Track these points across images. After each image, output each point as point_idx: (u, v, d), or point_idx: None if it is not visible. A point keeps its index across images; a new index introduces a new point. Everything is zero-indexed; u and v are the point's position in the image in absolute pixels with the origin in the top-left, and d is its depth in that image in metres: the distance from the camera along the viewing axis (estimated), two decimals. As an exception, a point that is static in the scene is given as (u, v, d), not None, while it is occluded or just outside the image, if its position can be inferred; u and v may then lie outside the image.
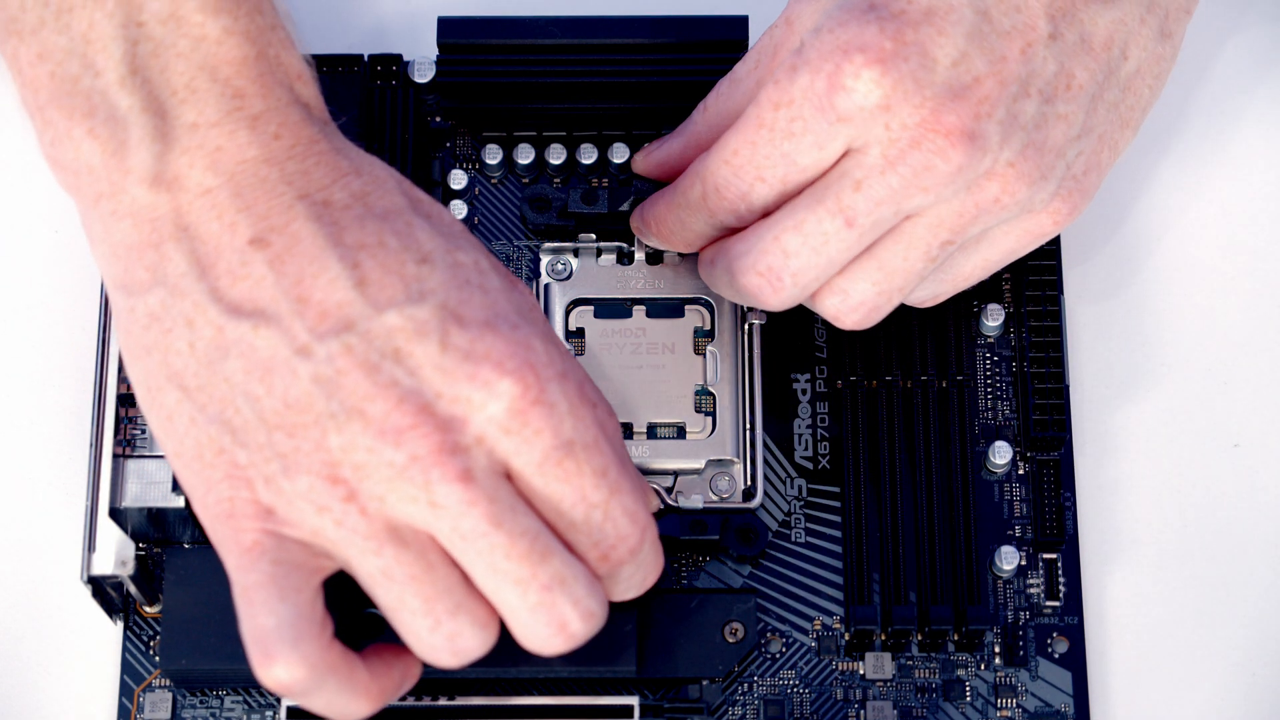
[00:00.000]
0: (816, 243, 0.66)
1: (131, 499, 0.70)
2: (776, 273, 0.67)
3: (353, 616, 0.66)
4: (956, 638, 0.72)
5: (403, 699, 0.70)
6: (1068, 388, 0.74)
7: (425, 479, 0.59)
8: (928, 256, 0.66)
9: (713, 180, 0.67)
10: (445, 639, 0.62)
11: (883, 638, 0.72)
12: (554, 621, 0.61)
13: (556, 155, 0.77)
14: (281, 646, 0.61)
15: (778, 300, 0.67)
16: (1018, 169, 0.64)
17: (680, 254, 0.75)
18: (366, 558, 0.61)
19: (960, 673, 0.72)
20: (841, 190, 0.65)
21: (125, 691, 0.72)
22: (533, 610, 0.61)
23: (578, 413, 0.61)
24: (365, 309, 0.60)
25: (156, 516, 0.71)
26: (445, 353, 0.60)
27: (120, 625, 0.73)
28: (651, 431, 0.73)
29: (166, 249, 0.61)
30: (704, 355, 0.74)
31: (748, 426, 0.74)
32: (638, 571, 0.64)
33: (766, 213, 0.67)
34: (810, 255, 0.66)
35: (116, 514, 0.70)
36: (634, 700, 0.70)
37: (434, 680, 0.70)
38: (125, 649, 0.73)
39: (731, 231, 0.69)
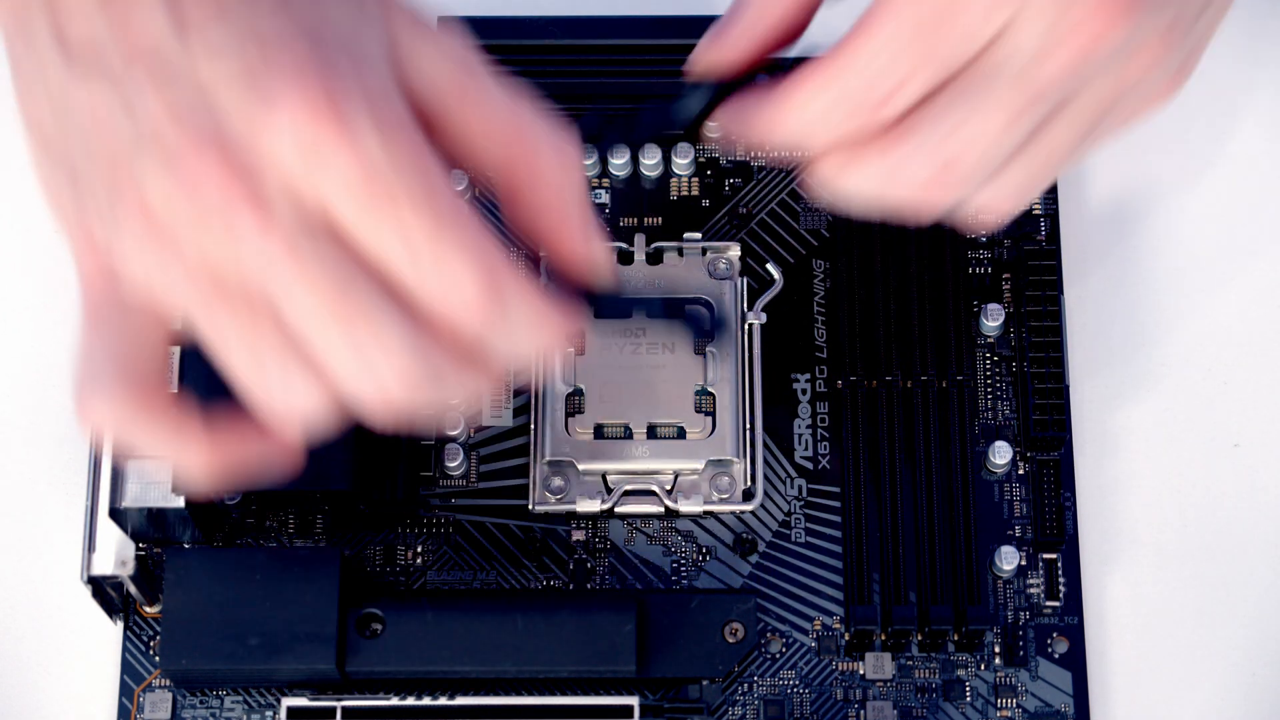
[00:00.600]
0: (986, 139, 0.61)
1: (131, 499, 0.70)
2: (948, 173, 0.62)
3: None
4: (956, 638, 0.72)
5: (403, 699, 0.70)
6: (1068, 388, 0.74)
7: (227, 213, 0.56)
8: (1083, 134, 0.62)
9: (871, 66, 0.61)
10: (277, 393, 0.58)
11: (883, 638, 0.72)
12: (375, 369, 0.57)
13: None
14: (98, 379, 0.59)
15: (943, 204, 0.62)
16: (1166, 40, 0.62)
17: (681, 253, 0.75)
18: (190, 302, 0.58)
19: (960, 673, 0.72)
20: (1008, 79, 0.60)
21: (125, 691, 0.72)
22: (353, 358, 0.57)
23: (389, 131, 0.56)
24: (177, 46, 0.57)
25: (156, 516, 0.71)
26: (250, 88, 0.56)
27: (120, 625, 0.73)
28: (651, 431, 0.74)
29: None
30: (704, 355, 0.74)
31: (748, 426, 0.74)
32: (512, 324, 0.58)
33: (916, 107, 0.62)
34: (980, 152, 0.61)
35: (116, 514, 0.70)
36: (634, 700, 0.70)
37: (434, 680, 0.70)
38: (125, 649, 0.73)
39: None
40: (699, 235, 0.76)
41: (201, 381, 0.61)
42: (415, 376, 0.57)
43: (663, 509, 0.73)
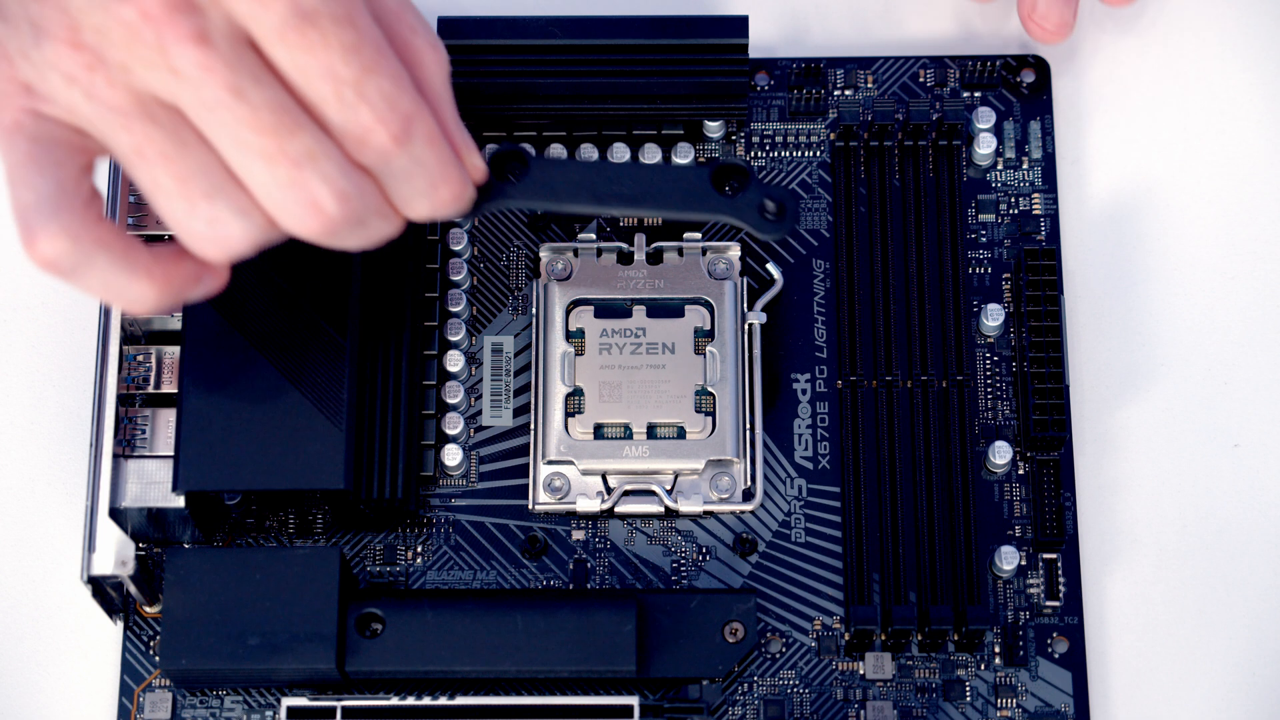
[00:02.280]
0: None
1: (131, 499, 0.71)
2: None
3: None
4: (956, 638, 0.72)
5: (403, 699, 0.70)
6: (1068, 388, 0.74)
7: (159, 40, 0.58)
8: None
9: None
10: (205, 224, 0.60)
11: (883, 638, 0.72)
12: (305, 199, 0.60)
13: (556, 155, 0.77)
14: (41, 218, 0.60)
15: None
16: None
17: (681, 253, 0.75)
18: (118, 134, 0.60)
19: (960, 673, 0.72)
20: None
21: (125, 691, 0.72)
22: (282, 187, 0.60)
23: None
24: None
25: (156, 516, 0.71)
26: None
27: (120, 625, 0.73)
28: (651, 431, 0.74)
29: None
30: (704, 355, 0.74)
31: (748, 426, 0.74)
32: (417, 169, 0.62)
33: None
34: None
35: (116, 514, 0.70)
36: (634, 700, 0.70)
37: (434, 680, 0.70)
38: (125, 649, 0.73)
39: None
40: (699, 235, 0.76)
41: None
42: (346, 193, 0.60)
43: (663, 509, 0.73)
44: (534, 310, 0.75)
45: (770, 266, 0.76)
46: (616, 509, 0.73)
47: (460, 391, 0.75)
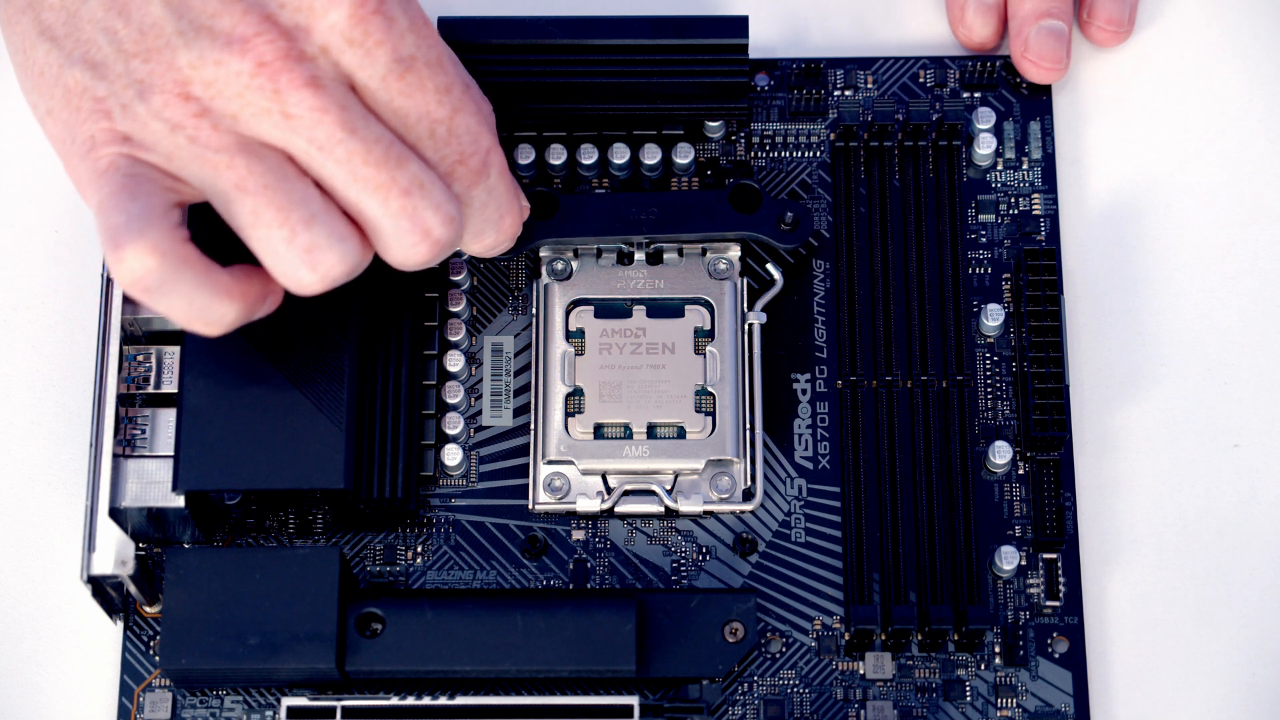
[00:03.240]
0: None
1: (131, 499, 0.71)
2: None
3: None
4: (956, 638, 0.72)
5: (403, 699, 0.70)
6: (1068, 388, 0.74)
7: (274, 87, 0.62)
8: None
9: None
10: (303, 251, 0.63)
11: (883, 638, 0.72)
12: (417, 227, 0.64)
13: (557, 155, 0.77)
14: (130, 235, 0.62)
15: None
16: None
17: (681, 252, 0.75)
18: (220, 173, 0.63)
19: (960, 673, 0.72)
20: None
21: (125, 691, 0.72)
22: (395, 217, 0.64)
23: (419, 30, 0.65)
24: None
25: (156, 516, 0.71)
26: None
27: (120, 625, 0.73)
28: (651, 431, 0.74)
29: None
30: (704, 355, 0.74)
31: (748, 426, 0.74)
32: (490, 200, 0.67)
33: None
34: None
35: (116, 514, 0.70)
36: (634, 700, 0.70)
37: (434, 680, 0.70)
38: (125, 649, 0.73)
39: None
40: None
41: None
42: (454, 217, 0.65)
43: (663, 509, 0.73)
44: (534, 310, 0.75)
45: (770, 266, 0.76)
46: (616, 509, 0.73)
47: (460, 391, 0.75)
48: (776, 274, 0.76)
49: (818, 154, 0.78)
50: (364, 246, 0.65)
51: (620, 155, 0.77)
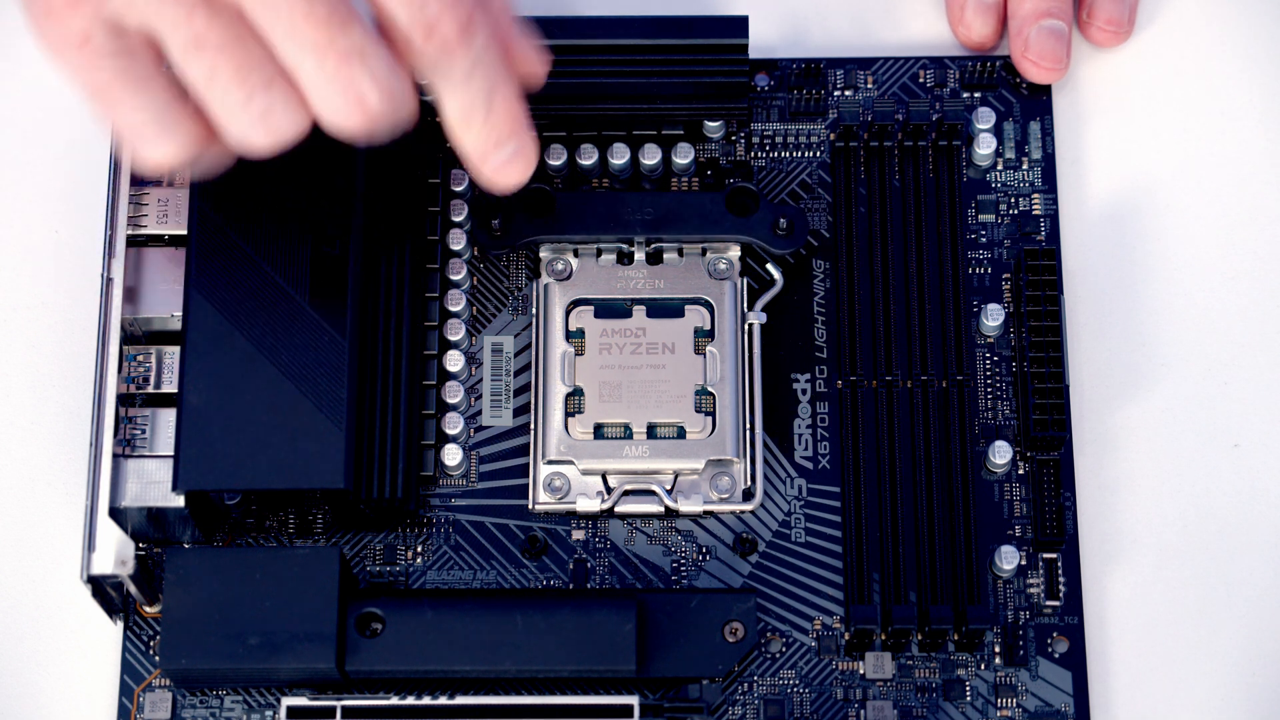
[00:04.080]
0: None
1: (131, 499, 0.71)
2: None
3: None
4: (956, 638, 0.72)
5: (403, 699, 0.70)
6: (1068, 388, 0.74)
7: None
8: None
9: None
10: (259, 114, 0.63)
11: (883, 638, 0.72)
12: (350, 93, 0.62)
13: (556, 156, 0.77)
14: (160, 131, 0.63)
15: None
16: None
17: (681, 252, 0.75)
18: (178, 26, 0.62)
19: (960, 673, 0.72)
20: None
21: (125, 691, 0.72)
22: (329, 79, 0.62)
23: None
24: None
25: (156, 516, 0.71)
26: None
27: (120, 625, 0.73)
28: (651, 431, 0.74)
29: None
30: (704, 355, 0.74)
31: (748, 426, 0.74)
32: (476, 72, 0.64)
33: None
34: None
35: (116, 514, 0.70)
36: (634, 700, 0.70)
37: (434, 680, 0.70)
38: (125, 649, 0.73)
39: None
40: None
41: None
42: (391, 90, 0.62)
43: (663, 509, 0.73)
44: (534, 310, 0.75)
45: (770, 266, 0.76)
46: (616, 509, 0.73)
47: (460, 391, 0.75)
48: (776, 274, 0.76)
49: (818, 154, 0.78)
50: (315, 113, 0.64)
51: (620, 155, 0.77)
